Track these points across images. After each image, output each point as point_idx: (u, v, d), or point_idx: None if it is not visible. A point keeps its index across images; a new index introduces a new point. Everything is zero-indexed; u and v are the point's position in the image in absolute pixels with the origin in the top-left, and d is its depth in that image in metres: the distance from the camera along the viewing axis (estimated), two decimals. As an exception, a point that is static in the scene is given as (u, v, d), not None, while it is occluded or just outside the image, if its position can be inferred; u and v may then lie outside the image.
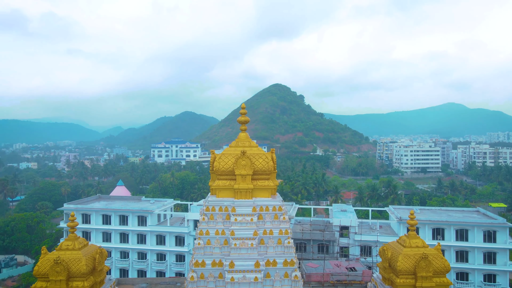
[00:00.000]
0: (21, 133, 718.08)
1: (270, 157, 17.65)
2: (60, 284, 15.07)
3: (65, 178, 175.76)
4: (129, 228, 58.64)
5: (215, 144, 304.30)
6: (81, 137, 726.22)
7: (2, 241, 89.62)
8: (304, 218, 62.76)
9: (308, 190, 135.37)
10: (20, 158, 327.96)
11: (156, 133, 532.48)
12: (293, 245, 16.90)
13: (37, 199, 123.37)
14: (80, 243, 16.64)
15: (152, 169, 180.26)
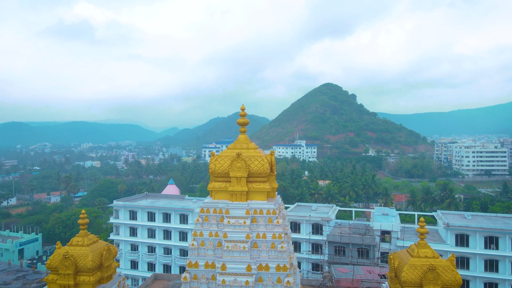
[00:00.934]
0: (88, 134, 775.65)
1: (266, 159, 17.42)
2: (68, 277, 16.22)
3: (123, 176, 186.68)
4: (172, 226, 60.86)
5: (264, 144, 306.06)
6: (141, 138, 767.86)
7: (64, 233, 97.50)
8: (344, 221, 61.00)
9: (357, 192, 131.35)
10: (86, 157, 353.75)
11: (209, 134, 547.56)
12: (287, 250, 16.54)
13: (97, 195, 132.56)
14: (90, 240, 17.70)
15: (203, 169, 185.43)
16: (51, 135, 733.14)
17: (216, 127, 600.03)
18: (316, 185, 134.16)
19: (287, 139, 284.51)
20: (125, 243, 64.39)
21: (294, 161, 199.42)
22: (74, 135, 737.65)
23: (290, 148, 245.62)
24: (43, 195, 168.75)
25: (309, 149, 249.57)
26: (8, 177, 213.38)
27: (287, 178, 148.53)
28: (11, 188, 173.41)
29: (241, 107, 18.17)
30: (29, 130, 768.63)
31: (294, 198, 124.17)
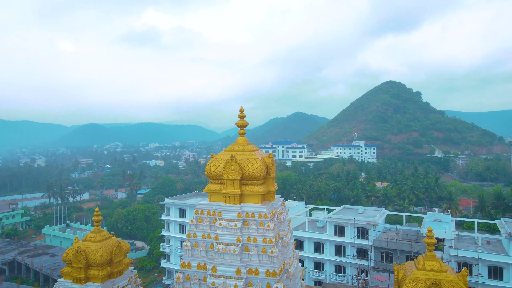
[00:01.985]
0: (155, 134, 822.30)
1: (261, 162, 17.01)
2: (80, 271, 17.41)
3: (183, 175, 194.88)
4: (218, 224, 62.26)
5: (322, 144, 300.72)
6: (203, 138, 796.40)
7: (126, 228, 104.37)
8: (392, 225, 57.86)
9: (417, 196, 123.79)
10: (152, 156, 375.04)
11: (267, 134, 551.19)
12: (279, 255, 15.96)
13: (158, 192, 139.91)
14: (102, 236, 18.76)
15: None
16: (123, 135, 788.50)
17: (275, 128, 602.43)
18: (373, 187, 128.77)
19: (345, 140, 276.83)
20: (175, 239, 67.21)
21: (351, 162, 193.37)
22: (143, 136, 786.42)
23: (348, 149, 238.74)
24: (111, 191, 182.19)
25: (368, 149, 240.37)
26: (83, 174, 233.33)
27: (342, 179, 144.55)
28: (85, 184, 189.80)
29: (239, 109, 18.04)
30: (104, 131, 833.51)
31: (348, 200, 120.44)
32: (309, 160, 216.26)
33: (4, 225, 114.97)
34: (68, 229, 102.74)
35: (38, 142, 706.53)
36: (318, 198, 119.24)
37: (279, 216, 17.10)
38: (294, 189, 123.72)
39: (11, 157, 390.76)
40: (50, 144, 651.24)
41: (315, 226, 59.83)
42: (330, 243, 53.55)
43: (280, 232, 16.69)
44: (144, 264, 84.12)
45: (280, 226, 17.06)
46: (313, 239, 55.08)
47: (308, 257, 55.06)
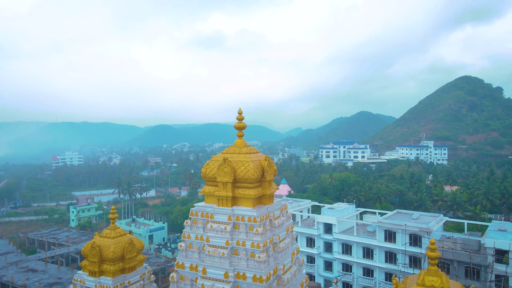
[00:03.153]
0: (220, 135, 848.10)
1: (253, 165, 16.43)
2: (94, 265, 18.55)
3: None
4: (266, 225, 62.36)
5: (387, 145, 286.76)
6: (266, 138, 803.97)
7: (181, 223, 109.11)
8: (449, 233, 53.26)
9: (492, 201, 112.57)
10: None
11: (331, 134, 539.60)
12: (267, 260, 15.25)
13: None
14: (116, 233, 19.74)
15: (318, 169, 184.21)
16: (190, 136, 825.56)
17: (339, 127, 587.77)
18: (440, 190, 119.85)
19: (412, 140, 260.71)
20: (225, 238, 68.63)
21: (418, 163, 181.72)
22: (209, 136, 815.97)
23: (415, 150, 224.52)
24: (175, 189, 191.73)
25: (438, 150, 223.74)
26: (152, 172, 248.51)
27: (405, 182, 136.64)
28: (152, 182, 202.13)
29: (238, 111, 17.79)
30: (173, 132, 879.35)
31: (411, 204, 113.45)
32: (372, 161, 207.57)
33: (81, 218, 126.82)
34: (133, 223, 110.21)
35: (116, 141, 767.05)
36: (378, 201, 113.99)
37: (273, 221, 16.59)
38: (351, 191, 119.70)
39: (92, 156, 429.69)
40: (126, 143, 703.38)
41: (365, 230, 57.30)
42: (379, 249, 50.89)
43: (273, 237, 16.19)
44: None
45: (275, 230, 16.55)
46: (362, 244, 52.78)
47: (356, 262, 52.92)
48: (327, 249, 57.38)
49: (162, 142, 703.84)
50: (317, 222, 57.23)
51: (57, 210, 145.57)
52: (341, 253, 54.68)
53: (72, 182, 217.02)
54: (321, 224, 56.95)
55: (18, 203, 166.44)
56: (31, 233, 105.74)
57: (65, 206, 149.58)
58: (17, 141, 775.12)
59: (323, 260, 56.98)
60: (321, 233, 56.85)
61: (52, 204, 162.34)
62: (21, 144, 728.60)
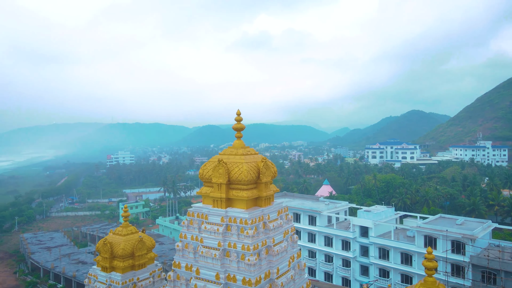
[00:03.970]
0: (266, 135, 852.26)
1: (247, 166, 15.93)
2: (106, 260, 19.31)
3: (285, 175, 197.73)
4: (301, 226, 61.60)
5: (439, 145, 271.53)
6: (312, 138, 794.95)
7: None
8: (495, 241, 49.26)
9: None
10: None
11: (379, 134, 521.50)
12: (258, 264, 14.74)
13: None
14: (128, 231, 20.37)
15: (363, 170, 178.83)
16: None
17: (388, 127, 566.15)
18: (497, 195, 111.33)
19: (467, 140, 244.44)
20: (261, 238, 68.71)
21: (473, 165, 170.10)
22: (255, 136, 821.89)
23: (470, 150, 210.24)
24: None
25: (497, 151, 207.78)
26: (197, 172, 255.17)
27: (457, 185, 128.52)
28: (197, 181, 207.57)
29: (236, 112, 17.55)
30: (220, 132, 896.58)
31: (463, 208, 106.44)
32: (421, 162, 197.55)
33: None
34: (176, 221, 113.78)
35: (165, 141, 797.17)
36: (425, 204, 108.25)
37: (268, 223, 16.17)
38: (396, 193, 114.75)
39: (143, 155, 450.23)
40: (175, 143, 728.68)
41: (406, 235, 54.67)
42: (418, 255, 48.27)
43: (266, 240, 15.80)
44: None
45: (269, 233, 16.13)
46: (400, 249, 50.39)
47: (394, 268, 50.65)
48: (364, 253, 55.51)
49: (209, 142, 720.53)
50: (353, 225, 55.54)
51: (108, 207, 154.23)
52: (378, 258, 52.61)
53: (124, 180, 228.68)
54: (357, 227, 55.19)
55: (75, 199, 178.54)
56: (83, 227, 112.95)
57: (116, 203, 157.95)
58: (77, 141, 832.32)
59: (359, 264, 55.18)
60: (357, 237, 55.10)
61: (104, 201, 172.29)
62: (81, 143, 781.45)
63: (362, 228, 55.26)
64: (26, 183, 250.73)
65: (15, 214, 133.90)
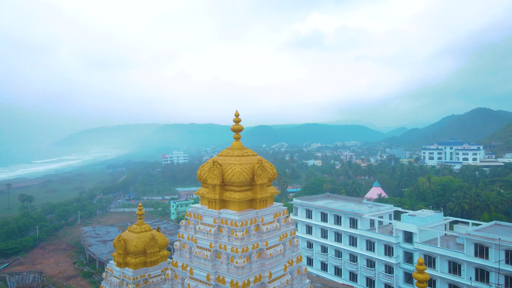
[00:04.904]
0: (319, 135, 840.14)
1: (240, 168, 15.30)
2: (120, 256, 20.10)
3: (335, 176, 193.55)
4: (342, 229, 59.88)
5: (508, 146, 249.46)
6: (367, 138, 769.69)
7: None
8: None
9: None
10: (312, 156, 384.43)
11: (440, 133, 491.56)
12: (246, 267, 14.13)
13: (308, 192, 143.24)
14: (141, 229, 20.96)
15: (418, 172, 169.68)
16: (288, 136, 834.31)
17: (449, 126, 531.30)
18: None
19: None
20: (301, 240, 67.88)
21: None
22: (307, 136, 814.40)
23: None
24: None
25: None
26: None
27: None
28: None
29: (235, 113, 17.20)
30: (272, 132, 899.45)
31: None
32: (485, 164, 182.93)
33: (179, 212, 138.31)
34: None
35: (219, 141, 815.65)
36: (486, 210, 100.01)
37: (262, 226, 15.68)
38: (453, 197, 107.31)
39: (197, 155, 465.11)
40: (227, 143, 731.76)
41: (455, 242, 50.95)
42: (468, 265, 44.72)
43: (258, 243, 15.32)
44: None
45: (262, 236, 15.63)
46: (447, 257, 47.03)
47: (440, 277, 47.39)
48: (408, 259, 52.59)
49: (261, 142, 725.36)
50: (396, 230, 52.85)
51: (161, 204, 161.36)
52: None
53: (177, 179, 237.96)
54: (400, 232, 52.43)
55: (131, 195, 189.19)
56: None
57: (168, 200, 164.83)
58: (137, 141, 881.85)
59: (403, 271, 52.38)
60: (400, 242, 52.36)
61: (158, 198, 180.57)
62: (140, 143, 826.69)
63: (407, 233, 52.39)
64: (90, 180, 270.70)
65: (78, 208, 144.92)
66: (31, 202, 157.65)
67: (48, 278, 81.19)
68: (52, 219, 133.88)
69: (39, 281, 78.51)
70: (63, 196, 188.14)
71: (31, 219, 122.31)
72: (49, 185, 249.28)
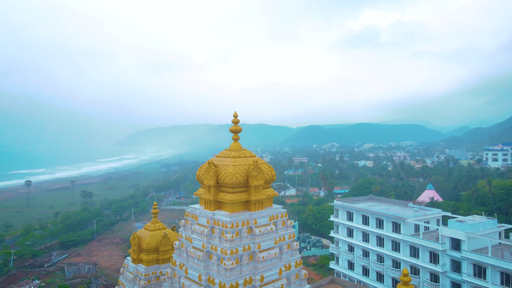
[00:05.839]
0: (371, 135, 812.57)
1: (233, 170, 14.72)
2: (134, 253, 20.72)
3: (386, 177, 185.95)
4: (384, 233, 57.35)
5: None
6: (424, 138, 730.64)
7: (315, 224, 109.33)
8: None
9: None
10: (364, 156, 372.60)
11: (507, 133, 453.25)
12: (235, 269, 13.53)
13: (356, 193, 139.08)
14: (155, 227, 21.42)
15: (479, 174, 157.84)
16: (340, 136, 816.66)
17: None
18: None
19: None
20: (342, 242, 66.09)
21: None
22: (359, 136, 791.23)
23: None
24: (315, 189, 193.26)
25: None
26: (296, 171, 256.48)
27: None
28: (295, 181, 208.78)
29: (233, 114, 16.77)
30: (323, 132, 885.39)
31: None
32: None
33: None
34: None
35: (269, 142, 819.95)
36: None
37: (255, 228, 15.18)
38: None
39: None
40: (278, 143, 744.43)
41: (510, 252, 46.67)
42: (523, 278, 40.73)
43: (250, 245, 14.84)
44: (325, 263, 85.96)
45: (255, 239, 15.12)
46: (499, 268, 43.14)
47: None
48: (456, 268, 49.03)
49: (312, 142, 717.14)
50: (442, 236, 49.50)
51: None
52: (472, 275, 45.93)
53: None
54: (446, 239, 49.02)
55: (181, 194, 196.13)
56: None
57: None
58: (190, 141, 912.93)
59: (450, 280, 48.92)
60: (446, 249, 48.95)
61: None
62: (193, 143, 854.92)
63: (454, 240, 48.85)
64: (145, 178, 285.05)
65: (132, 205, 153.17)
66: (91, 198, 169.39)
67: (101, 270, 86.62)
68: (109, 214, 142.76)
69: (93, 272, 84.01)
70: (120, 193, 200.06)
71: (90, 213, 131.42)
72: (109, 182, 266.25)
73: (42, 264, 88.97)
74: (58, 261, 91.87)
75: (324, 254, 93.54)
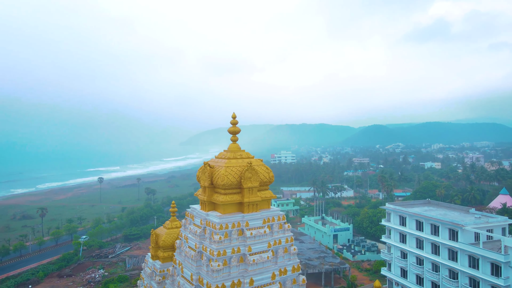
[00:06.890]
0: (441, 134, 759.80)
1: (225, 171, 14.05)
2: (153, 249, 21.38)
3: (454, 180, 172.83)
4: (440, 240, 53.32)
5: None
6: (503, 138, 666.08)
7: (370, 228, 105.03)
8: None
9: None
10: (432, 157, 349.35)
11: None
12: (223, 270, 12.88)
13: (418, 196, 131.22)
14: (173, 225, 21.82)
15: None
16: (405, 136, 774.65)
17: None
18: None
19: None
20: (395, 248, 62.78)
21: None
22: (426, 136, 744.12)
23: None
24: (375, 191, 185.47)
25: None
26: (356, 172, 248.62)
27: None
28: (353, 182, 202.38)
29: (232, 115, 16.29)
30: (387, 132, 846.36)
31: None
32: None
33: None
34: (321, 221, 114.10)
35: (330, 142, 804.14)
36: None
37: (246, 231, 14.61)
38: None
39: (306, 155, 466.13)
40: (338, 144, 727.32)
41: None
42: None
43: (240, 247, 14.32)
44: (378, 268, 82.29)
45: (246, 241, 14.54)
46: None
47: None
48: (522, 283, 44.06)
49: (375, 142, 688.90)
50: (505, 247, 44.74)
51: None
52: (540, 292, 40.99)
53: (282, 178, 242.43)
54: (510, 250, 44.21)
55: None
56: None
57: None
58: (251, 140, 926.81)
59: (514, 296, 44.08)
60: (510, 261, 44.15)
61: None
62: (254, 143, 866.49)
63: (520, 252, 43.95)
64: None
65: (191, 202, 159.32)
66: (154, 195, 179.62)
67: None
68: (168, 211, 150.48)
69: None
70: (181, 190, 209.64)
71: (152, 210, 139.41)
72: (172, 181, 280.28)
73: (107, 255, 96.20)
74: (121, 253, 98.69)
75: (379, 259, 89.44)
